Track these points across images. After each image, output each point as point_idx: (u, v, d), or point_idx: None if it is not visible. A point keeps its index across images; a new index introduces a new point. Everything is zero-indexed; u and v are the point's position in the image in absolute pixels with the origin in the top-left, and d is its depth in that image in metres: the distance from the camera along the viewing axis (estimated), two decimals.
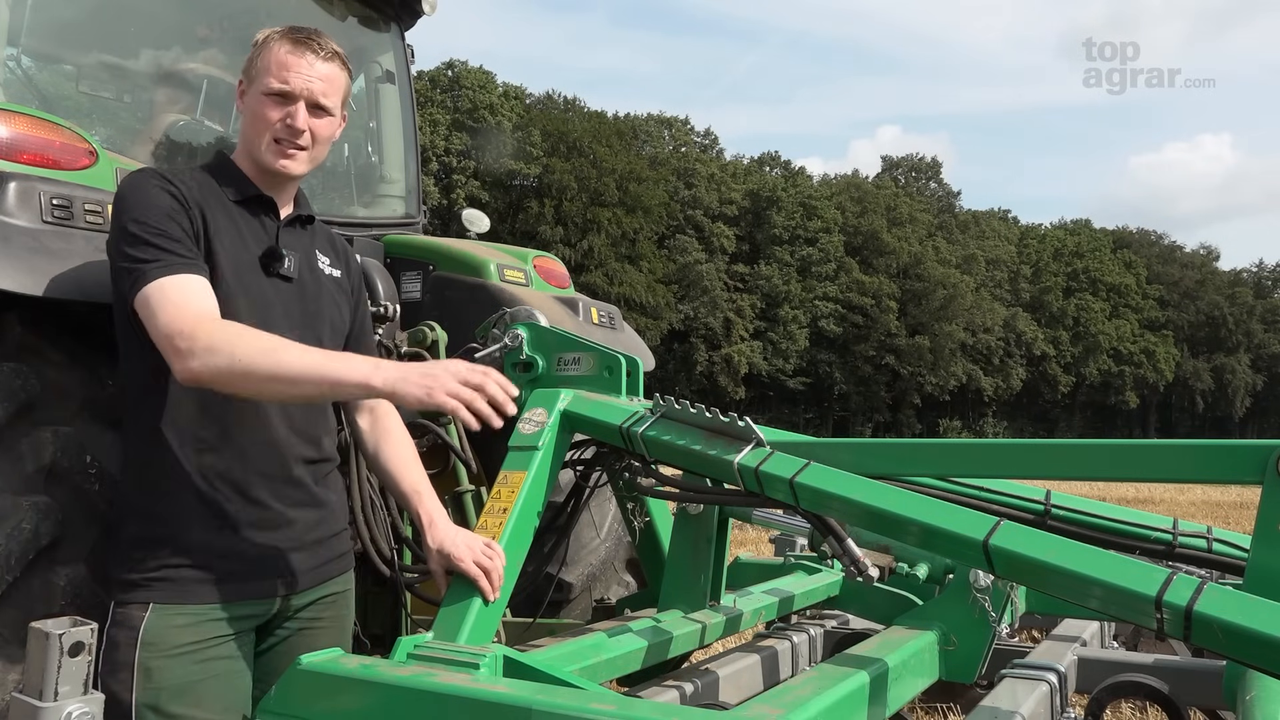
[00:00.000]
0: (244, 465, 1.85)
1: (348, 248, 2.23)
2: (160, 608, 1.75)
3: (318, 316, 2.00)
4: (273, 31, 1.92)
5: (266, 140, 1.90)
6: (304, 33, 1.91)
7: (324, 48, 1.92)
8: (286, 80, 1.87)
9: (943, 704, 3.51)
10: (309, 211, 2.08)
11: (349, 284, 2.15)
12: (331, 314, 2.04)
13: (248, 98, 1.93)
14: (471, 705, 1.49)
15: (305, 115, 1.89)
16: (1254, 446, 1.73)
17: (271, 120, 1.88)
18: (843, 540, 2.12)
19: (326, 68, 1.92)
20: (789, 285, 64.41)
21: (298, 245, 2.00)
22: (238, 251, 1.88)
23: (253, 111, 1.91)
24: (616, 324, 3.69)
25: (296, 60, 1.88)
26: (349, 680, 1.61)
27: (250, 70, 1.93)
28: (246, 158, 1.97)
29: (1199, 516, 12.35)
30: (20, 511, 1.93)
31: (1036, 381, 72.46)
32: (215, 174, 1.96)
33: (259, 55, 1.91)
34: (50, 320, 2.13)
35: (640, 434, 2.16)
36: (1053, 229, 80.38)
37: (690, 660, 2.80)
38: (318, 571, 1.99)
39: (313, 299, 2.00)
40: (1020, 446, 2.05)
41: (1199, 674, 2.36)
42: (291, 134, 1.89)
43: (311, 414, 1.98)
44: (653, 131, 67.49)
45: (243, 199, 1.94)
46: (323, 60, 1.91)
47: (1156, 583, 1.46)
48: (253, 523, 1.85)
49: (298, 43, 1.89)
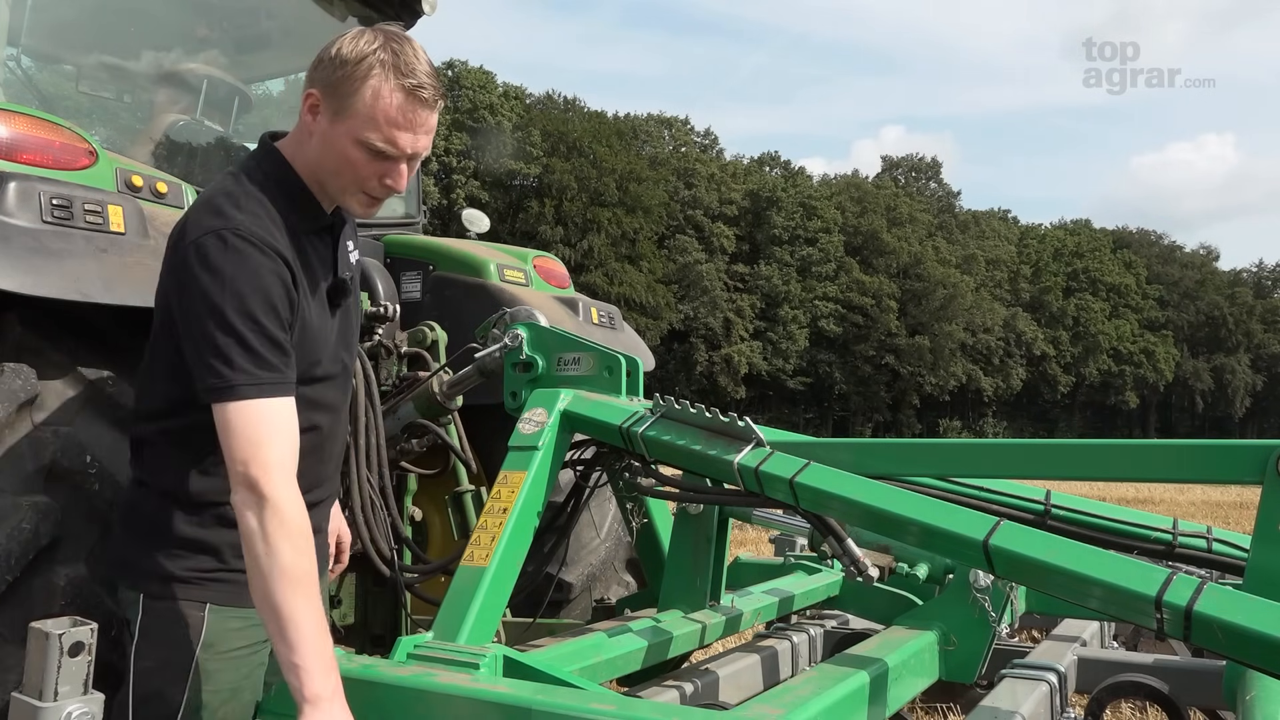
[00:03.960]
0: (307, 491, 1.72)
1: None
2: (218, 609, 1.71)
3: (354, 324, 1.97)
4: (374, 58, 1.64)
5: (353, 189, 1.73)
6: (414, 77, 1.66)
7: (435, 95, 1.69)
8: (396, 141, 1.67)
9: (943, 704, 3.51)
10: None
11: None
12: (359, 312, 2.03)
13: (332, 130, 1.69)
14: (471, 705, 1.50)
15: (406, 174, 1.74)
16: (1254, 446, 1.73)
17: (366, 174, 1.70)
18: (843, 540, 2.12)
19: (434, 119, 1.73)
20: (789, 285, 64.43)
21: (346, 247, 1.90)
22: (309, 293, 1.75)
23: (342, 154, 1.69)
24: (616, 324, 3.69)
25: (409, 119, 1.66)
26: (349, 680, 1.61)
27: (340, 98, 1.66)
28: (313, 180, 1.77)
29: (1199, 516, 12.35)
30: (20, 511, 1.93)
31: (1036, 381, 72.47)
32: (285, 198, 1.75)
33: (357, 91, 1.64)
34: (50, 320, 2.13)
35: (640, 434, 2.16)
36: (1053, 229, 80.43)
37: (690, 660, 2.80)
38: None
39: (354, 310, 1.95)
40: (1020, 446, 2.05)
41: (1199, 674, 2.36)
42: (388, 193, 1.75)
43: (345, 429, 2.00)
44: (653, 131, 67.52)
45: (317, 230, 1.80)
46: (434, 112, 1.71)
47: (1156, 583, 1.46)
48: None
49: (411, 95, 1.65)
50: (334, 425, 1.91)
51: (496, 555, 2.05)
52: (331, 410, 1.89)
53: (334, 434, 1.92)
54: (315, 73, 1.72)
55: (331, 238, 1.84)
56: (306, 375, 1.74)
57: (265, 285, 1.62)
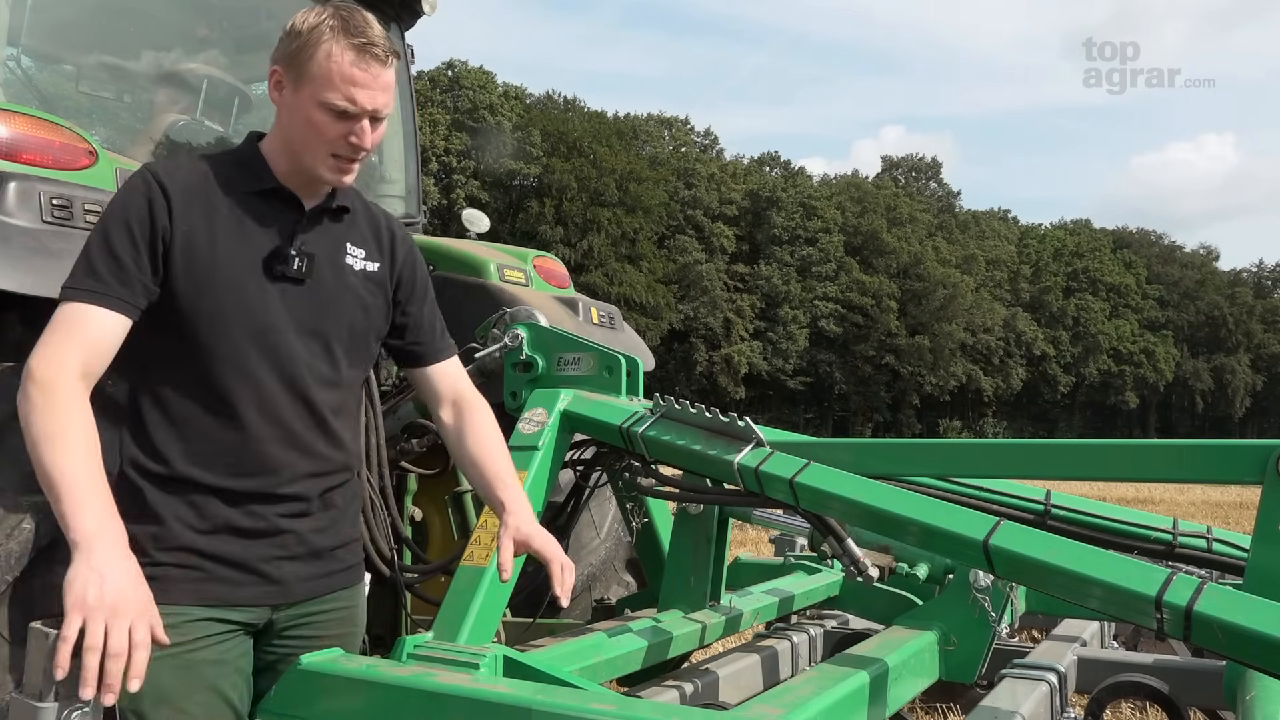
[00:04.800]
0: (231, 476, 1.75)
1: (398, 234, 2.03)
2: None
3: (330, 318, 1.87)
4: (324, 25, 1.73)
5: (322, 154, 1.77)
6: (364, 36, 1.73)
7: (386, 52, 1.76)
8: (354, 98, 1.72)
9: (943, 704, 3.51)
10: (345, 202, 1.92)
11: (389, 275, 1.98)
12: (353, 314, 1.90)
13: (295, 99, 1.76)
14: (471, 705, 1.49)
15: (370, 131, 1.77)
16: (1254, 446, 1.74)
17: (331, 136, 1.75)
18: (843, 540, 2.12)
19: (389, 75, 1.77)
20: (789, 285, 64.43)
21: (321, 240, 1.87)
22: (234, 253, 1.77)
23: (306, 119, 1.75)
24: (616, 324, 3.69)
25: (363, 74, 1.72)
26: (349, 680, 1.61)
27: (297, 66, 1.74)
28: (284, 155, 1.83)
29: (1199, 516, 12.35)
30: (20, 511, 1.93)
31: (1036, 381, 72.48)
32: (237, 163, 1.84)
33: (313, 57, 1.72)
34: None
35: (640, 434, 2.16)
36: (1052, 229, 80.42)
37: (690, 660, 2.80)
38: (316, 583, 1.87)
39: (328, 300, 1.87)
40: (1020, 446, 2.05)
41: (1199, 674, 2.36)
42: (354, 151, 1.78)
43: (313, 428, 1.85)
44: (653, 131, 67.52)
45: (258, 191, 1.82)
46: (387, 68, 1.76)
47: (1156, 583, 1.47)
48: (240, 530, 1.76)
49: (362, 52, 1.72)
50: (269, 407, 1.78)
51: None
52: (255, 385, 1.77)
53: (270, 417, 1.78)
54: (276, 51, 1.80)
55: (293, 215, 1.84)
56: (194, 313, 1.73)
57: (127, 204, 1.71)
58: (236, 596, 1.75)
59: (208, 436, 1.75)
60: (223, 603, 1.74)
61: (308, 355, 1.83)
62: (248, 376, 1.76)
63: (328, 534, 1.89)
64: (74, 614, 1.40)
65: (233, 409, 1.75)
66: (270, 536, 1.79)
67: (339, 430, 1.90)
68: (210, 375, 1.74)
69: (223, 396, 1.75)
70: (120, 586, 1.46)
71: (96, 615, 1.40)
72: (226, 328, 1.74)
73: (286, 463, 1.81)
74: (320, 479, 1.86)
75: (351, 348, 1.91)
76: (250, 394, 1.76)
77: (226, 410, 1.75)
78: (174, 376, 1.76)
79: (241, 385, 1.76)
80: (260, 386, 1.77)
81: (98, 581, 1.43)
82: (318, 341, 1.85)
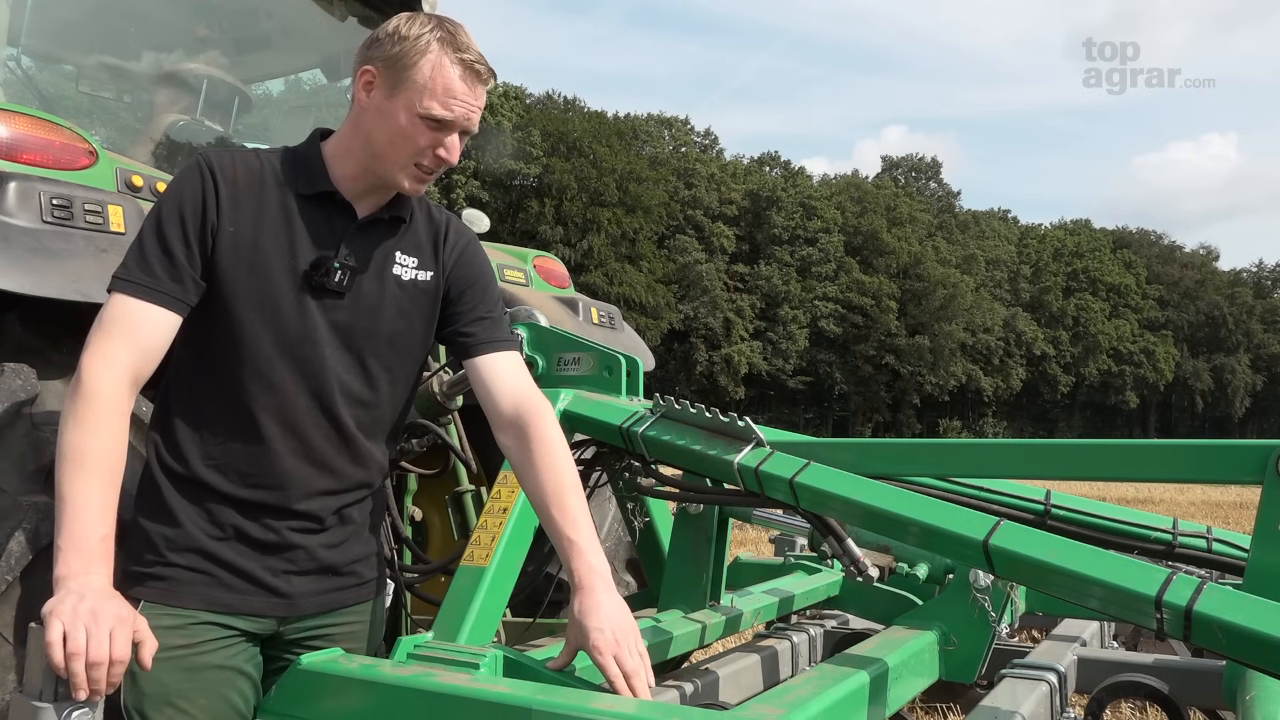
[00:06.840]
0: (245, 485, 1.74)
1: (454, 239, 1.95)
2: (150, 606, 1.66)
3: (368, 334, 1.82)
4: (431, 34, 1.71)
5: (405, 162, 1.75)
6: (472, 54, 1.74)
7: (488, 72, 1.77)
8: (453, 110, 1.72)
9: (943, 704, 3.51)
10: (400, 212, 1.85)
11: (439, 282, 1.90)
12: (395, 327, 1.84)
13: (388, 104, 1.72)
14: (471, 705, 1.49)
15: (458, 145, 1.77)
16: (1254, 446, 1.73)
17: (422, 145, 1.73)
18: (843, 540, 2.12)
19: (484, 95, 1.79)
20: (789, 285, 64.47)
21: (369, 251, 1.81)
22: (275, 259, 1.73)
23: (396, 126, 1.72)
24: (616, 324, 3.69)
25: (467, 90, 1.73)
26: (349, 680, 1.61)
27: (397, 71, 1.71)
28: (353, 158, 1.78)
29: (1199, 516, 12.35)
30: (20, 511, 1.92)
31: (1036, 381, 72.54)
32: (295, 162, 1.80)
33: (417, 64, 1.70)
34: (50, 320, 2.12)
35: (640, 434, 2.16)
36: (1052, 229, 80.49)
37: (690, 660, 2.80)
38: (326, 598, 1.84)
39: (368, 315, 1.81)
40: (1020, 446, 2.05)
41: (1199, 674, 2.35)
42: (439, 163, 1.76)
43: (337, 445, 1.81)
44: (653, 132, 67.52)
45: (312, 194, 1.77)
46: (485, 88, 1.78)
47: (1156, 583, 1.47)
48: (252, 541, 1.75)
49: (469, 68, 1.73)
50: (291, 420, 1.75)
51: (496, 555, 2.05)
52: (279, 395, 1.74)
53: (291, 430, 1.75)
54: (371, 50, 1.76)
55: (344, 222, 1.79)
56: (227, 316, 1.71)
57: (182, 193, 1.70)
58: (244, 605, 1.75)
59: (226, 442, 1.74)
60: (230, 610, 1.73)
61: (340, 370, 1.79)
62: (273, 387, 1.73)
63: (341, 549, 1.86)
64: (53, 620, 1.41)
65: (253, 418, 1.73)
66: (281, 550, 1.77)
67: (367, 449, 1.85)
68: (235, 381, 1.72)
69: (245, 404, 1.73)
70: (97, 599, 1.46)
71: (76, 622, 1.41)
72: (257, 335, 1.72)
73: (301, 478, 1.78)
74: (336, 496, 1.83)
75: (393, 363, 1.86)
76: (273, 404, 1.74)
77: (247, 418, 1.73)
78: (201, 377, 1.74)
79: (265, 395, 1.73)
80: (284, 398, 1.74)
81: (74, 600, 1.44)
82: (352, 356, 1.81)
